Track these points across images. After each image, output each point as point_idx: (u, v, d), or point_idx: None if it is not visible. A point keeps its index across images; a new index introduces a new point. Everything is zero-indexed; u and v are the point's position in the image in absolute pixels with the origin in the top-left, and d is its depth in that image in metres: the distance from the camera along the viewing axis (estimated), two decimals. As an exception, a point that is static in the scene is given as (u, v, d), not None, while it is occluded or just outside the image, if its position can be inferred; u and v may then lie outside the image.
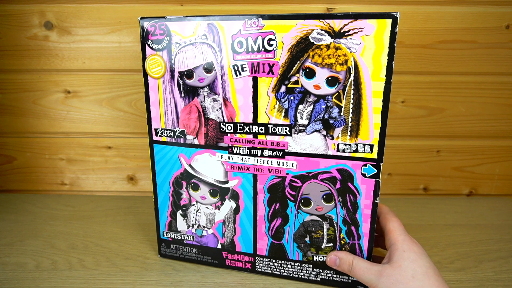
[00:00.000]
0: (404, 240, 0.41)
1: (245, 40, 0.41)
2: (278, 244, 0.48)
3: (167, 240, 0.52)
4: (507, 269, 0.51)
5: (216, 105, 0.45)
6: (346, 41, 0.39)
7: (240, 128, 0.45)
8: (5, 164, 0.75)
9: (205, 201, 0.49)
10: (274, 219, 0.47)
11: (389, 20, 0.37)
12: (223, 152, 0.46)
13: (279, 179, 0.45)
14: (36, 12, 0.67)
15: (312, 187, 0.44)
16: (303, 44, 0.40)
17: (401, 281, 0.38)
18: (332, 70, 0.40)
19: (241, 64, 0.42)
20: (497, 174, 0.74)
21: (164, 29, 0.44)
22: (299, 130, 0.43)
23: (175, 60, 0.44)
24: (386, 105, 0.40)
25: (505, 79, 0.69)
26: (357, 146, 0.42)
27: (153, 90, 0.46)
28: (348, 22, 0.38)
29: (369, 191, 0.43)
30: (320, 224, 0.45)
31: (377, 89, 0.39)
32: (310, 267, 0.47)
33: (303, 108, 0.42)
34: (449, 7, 0.65)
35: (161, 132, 0.48)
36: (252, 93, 0.43)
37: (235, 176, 0.47)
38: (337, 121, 0.41)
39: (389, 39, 0.38)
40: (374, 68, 0.39)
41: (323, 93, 0.41)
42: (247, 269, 0.50)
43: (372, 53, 0.38)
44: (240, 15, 0.41)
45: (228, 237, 0.49)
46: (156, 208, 0.51)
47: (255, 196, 0.47)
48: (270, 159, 0.45)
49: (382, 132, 0.41)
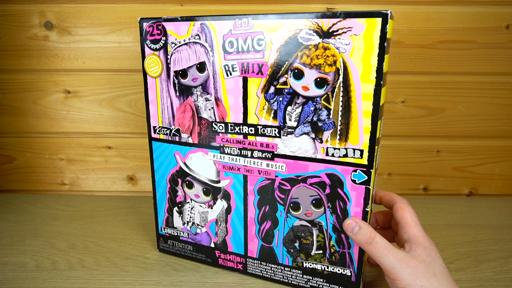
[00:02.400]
0: (425, 237, 0.40)
1: (236, 40, 0.41)
2: (268, 247, 0.47)
3: (165, 235, 0.53)
4: (507, 269, 0.51)
5: (208, 105, 0.45)
6: (334, 41, 0.37)
7: (231, 128, 0.45)
8: (5, 164, 0.75)
9: (199, 199, 0.49)
10: (264, 222, 0.46)
11: (379, 18, 0.35)
12: (215, 151, 0.46)
13: (268, 181, 0.44)
14: (36, 12, 0.67)
15: (301, 191, 0.43)
16: (292, 44, 0.39)
17: (426, 276, 0.37)
18: (321, 71, 0.39)
19: (232, 64, 0.42)
20: (497, 174, 0.74)
21: (161, 30, 0.44)
22: (288, 132, 0.42)
23: (171, 59, 0.45)
24: (376, 108, 0.38)
25: (505, 79, 0.69)
26: (346, 150, 0.40)
27: (151, 89, 0.47)
28: (336, 22, 0.37)
29: (359, 198, 0.41)
30: (310, 230, 0.44)
31: (367, 91, 0.37)
32: (300, 273, 0.46)
33: (291, 110, 0.41)
34: (449, 7, 0.65)
35: (158, 129, 0.49)
36: (242, 93, 0.43)
37: (227, 176, 0.47)
38: (326, 124, 0.40)
39: (379, 39, 0.36)
40: (363, 69, 0.37)
41: (311, 94, 0.40)
42: (238, 269, 0.50)
43: (362, 53, 0.37)
44: (231, 15, 0.41)
45: (220, 237, 0.49)
46: (155, 204, 0.53)
47: (245, 197, 0.46)
48: (259, 160, 0.44)
49: (373, 137, 0.38)
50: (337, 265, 0.44)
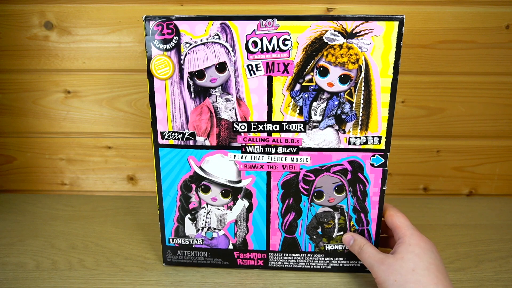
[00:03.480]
0: (412, 235, 0.43)
1: (260, 40, 0.42)
2: (291, 238, 0.49)
3: (173, 246, 0.51)
4: (507, 269, 0.51)
5: (229, 105, 0.45)
6: (357, 41, 0.42)
7: (254, 127, 0.45)
8: (5, 164, 0.75)
9: (216, 202, 0.49)
10: (288, 214, 0.48)
11: (396, 22, 0.41)
12: (236, 152, 0.46)
13: (293, 174, 0.46)
14: (36, 12, 0.67)
15: (325, 180, 0.46)
16: (318, 44, 0.42)
17: (400, 272, 0.39)
18: (345, 68, 0.43)
19: (256, 63, 0.43)
20: (497, 174, 0.74)
21: (173, 29, 0.43)
22: (313, 126, 0.45)
23: (185, 60, 0.44)
24: (393, 99, 0.43)
25: (505, 79, 0.69)
26: (366, 138, 0.45)
27: (159, 92, 0.45)
28: (359, 24, 0.41)
29: (377, 179, 0.46)
30: (332, 214, 0.48)
31: (385, 85, 0.43)
32: (322, 256, 0.49)
33: (317, 105, 0.44)
34: (449, 7, 0.65)
35: (168, 135, 0.46)
36: (267, 92, 0.44)
37: (248, 175, 0.47)
38: (348, 116, 0.44)
39: (396, 40, 0.41)
40: (382, 66, 0.42)
41: (336, 90, 0.43)
42: (259, 266, 0.50)
43: (381, 52, 0.42)
44: (254, 16, 0.42)
45: (240, 237, 0.50)
46: (161, 215, 0.50)
47: (268, 193, 0.47)
48: (284, 155, 0.46)
49: (389, 124, 0.44)
50: None
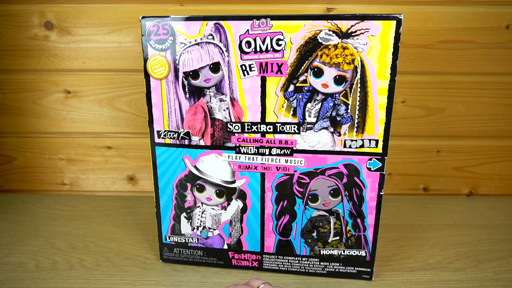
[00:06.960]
0: None
1: (253, 40, 0.42)
2: (285, 240, 0.48)
3: (170, 244, 0.51)
4: (507, 269, 0.51)
5: (223, 105, 0.45)
6: (353, 41, 0.40)
7: (247, 128, 0.45)
8: (5, 164, 0.75)
9: (211, 202, 0.49)
10: (282, 217, 0.47)
11: (393, 21, 0.39)
12: (230, 152, 0.46)
13: (287, 176, 0.46)
14: (36, 12, 0.67)
15: (320, 183, 0.45)
16: (312, 44, 0.41)
17: None
18: (340, 69, 0.41)
19: (249, 64, 0.43)
20: (497, 174, 0.74)
21: (168, 29, 0.43)
22: (307, 128, 0.44)
23: (180, 60, 0.44)
24: (390, 101, 0.42)
25: (505, 79, 0.69)
26: (363, 141, 0.43)
27: (155, 91, 0.45)
28: (355, 23, 0.40)
29: (374, 184, 0.44)
30: (327, 218, 0.47)
31: (382, 86, 0.41)
32: (317, 260, 0.48)
33: (311, 106, 0.43)
34: (449, 7, 0.65)
35: (164, 134, 0.47)
36: (260, 92, 0.43)
37: (243, 176, 0.47)
38: (344, 118, 0.43)
39: (394, 39, 0.40)
40: (379, 66, 0.41)
41: (331, 91, 0.42)
42: (254, 267, 0.50)
43: (378, 52, 0.40)
44: (248, 15, 0.41)
45: (234, 237, 0.49)
46: (158, 212, 0.50)
47: (262, 194, 0.47)
48: (278, 157, 0.45)
49: (387, 128, 0.43)
50: (353, 248, 0.47)
